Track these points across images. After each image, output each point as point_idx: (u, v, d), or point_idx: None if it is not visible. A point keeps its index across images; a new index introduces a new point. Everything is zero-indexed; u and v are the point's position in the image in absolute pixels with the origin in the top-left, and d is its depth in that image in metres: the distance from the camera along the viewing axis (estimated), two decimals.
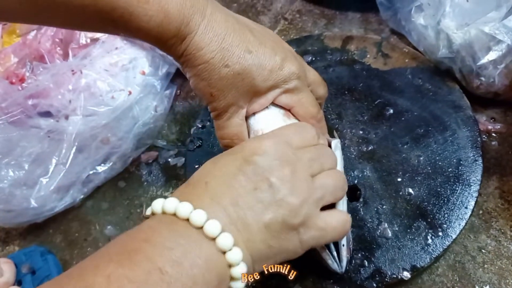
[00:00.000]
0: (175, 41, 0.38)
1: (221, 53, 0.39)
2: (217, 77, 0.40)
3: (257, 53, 0.40)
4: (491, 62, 0.56)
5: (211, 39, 0.39)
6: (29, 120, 0.60)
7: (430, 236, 0.50)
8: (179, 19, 0.37)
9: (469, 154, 0.54)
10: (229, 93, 0.41)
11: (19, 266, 0.57)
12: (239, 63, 0.39)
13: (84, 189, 0.62)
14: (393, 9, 0.68)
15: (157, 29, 0.37)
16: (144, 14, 0.36)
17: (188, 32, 0.38)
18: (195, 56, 0.39)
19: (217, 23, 0.39)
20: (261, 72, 0.40)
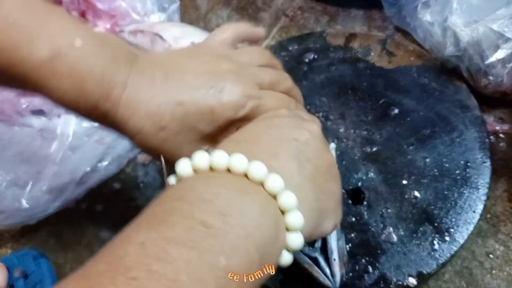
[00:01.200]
0: (97, 116, 0.36)
1: (151, 120, 0.36)
2: (159, 142, 0.37)
3: (190, 101, 0.36)
4: (499, 60, 0.55)
5: (135, 108, 0.35)
6: (21, 118, 0.58)
7: (436, 241, 0.48)
8: (96, 96, 0.34)
9: (477, 155, 0.53)
10: (182, 149, 0.37)
11: (11, 269, 0.56)
12: (174, 120, 0.36)
13: (78, 190, 0.61)
14: (398, 6, 0.67)
15: (73, 104, 0.35)
16: (58, 88, 0.33)
17: (109, 108, 0.35)
18: (125, 129, 0.36)
19: (141, 87, 0.36)
20: (203, 118, 0.37)
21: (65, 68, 0.33)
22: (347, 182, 0.53)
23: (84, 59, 0.34)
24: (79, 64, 0.34)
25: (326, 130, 0.58)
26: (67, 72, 0.33)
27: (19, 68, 0.32)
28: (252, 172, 0.30)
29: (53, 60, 0.33)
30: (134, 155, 0.64)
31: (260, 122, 0.38)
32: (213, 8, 0.84)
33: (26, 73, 0.33)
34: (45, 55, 0.33)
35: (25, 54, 0.32)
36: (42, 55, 0.32)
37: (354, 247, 0.49)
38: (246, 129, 0.37)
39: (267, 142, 0.34)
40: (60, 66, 0.33)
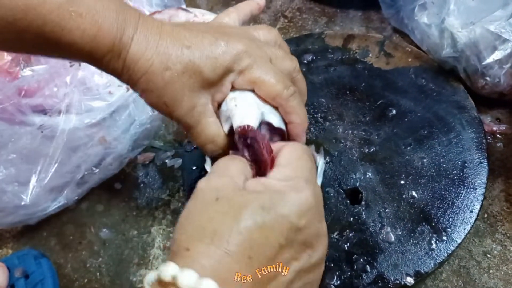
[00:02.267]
0: (111, 57, 0.37)
1: (158, 58, 0.37)
2: (163, 84, 0.38)
3: (197, 46, 0.38)
4: (496, 61, 0.55)
5: (145, 47, 0.37)
6: (22, 115, 0.58)
7: (434, 241, 0.48)
8: (113, 34, 0.36)
9: (474, 156, 0.53)
10: (184, 96, 0.39)
11: (12, 269, 0.56)
12: (180, 61, 0.38)
13: (78, 190, 0.61)
14: (396, 7, 0.67)
15: (90, 45, 0.36)
16: (76, 28, 0.35)
17: (123, 46, 0.37)
18: (135, 70, 0.37)
19: (149, 31, 0.38)
20: (207, 62, 0.38)
21: (84, 7, 0.34)
22: (345, 182, 0.54)
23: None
24: (95, 3, 0.35)
25: (324, 130, 0.58)
26: (85, 11, 0.35)
27: (38, 11, 0.33)
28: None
29: (71, 0, 0.34)
30: (134, 155, 0.65)
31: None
32: (212, 8, 0.85)
33: (45, 15, 0.34)
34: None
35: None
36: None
37: (352, 247, 0.49)
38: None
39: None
40: (78, 6, 0.34)
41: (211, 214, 0.31)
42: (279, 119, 0.41)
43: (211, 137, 0.41)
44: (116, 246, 0.59)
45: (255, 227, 0.30)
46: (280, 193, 0.33)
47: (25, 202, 0.56)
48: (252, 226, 0.30)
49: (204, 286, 0.27)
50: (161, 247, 0.58)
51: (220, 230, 0.30)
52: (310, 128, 0.59)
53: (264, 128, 0.40)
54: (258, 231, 0.30)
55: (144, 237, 0.59)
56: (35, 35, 0.35)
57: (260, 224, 0.30)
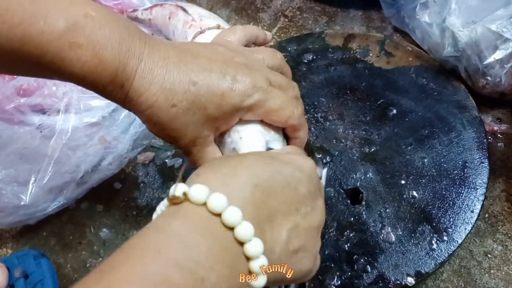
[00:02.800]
0: (113, 88, 0.36)
1: (164, 94, 0.36)
2: (168, 119, 0.37)
3: (204, 82, 0.37)
4: (497, 61, 0.55)
5: (150, 82, 0.36)
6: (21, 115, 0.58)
7: (435, 241, 0.48)
8: (115, 65, 0.35)
9: (475, 156, 0.53)
10: (188, 130, 0.38)
11: (11, 269, 0.56)
12: (186, 99, 0.37)
13: (78, 189, 0.61)
14: (397, 6, 0.67)
15: (92, 76, 0.35)
16: (76, 60, 0.34)
17: (126, 78, 0.36)
18: (138, 102, 0.37)
19: (155, 63, 0.36)
20: (213, 100, 0.37)
21: (83, 38, 0.33)
22: (345, 182, 0.54)
23: (100, 29, 0.34)
24: (96, 33, 0.34)
25: (324, 130, 0.58)
26: (86, 42, 0.34)
27: (37, 42, 0.32)
28: (226, 217, 0.29)
29: (71, 30, 0.33)
30: (134, 155, 0.64)
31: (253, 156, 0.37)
32: (212, 8, 0.84)
33: (44, 46, 0.33)
34: (62, 26, 0.33)
35: (42, 26, 0.32)
36: (59, 26, 0.33)
37: (353, 247, 0.49)
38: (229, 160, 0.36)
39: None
40: (78, 36, 0.33)
41: (227, 161, 0.34)
42: (281, 144, 0.42)
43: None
44: (116, 246, 0.59)
45: (263, 163, 0.34)
46: (283, 153, 0.38)
47: (24, 202, 0.56)
48: (260, 162, 0.34)
49: (215, 199, 0.29)
50: None
51: (229, 163, 0.33)
52: (311, 128, 0.59)
53: None
54: (263, 167, 0.33)
55: None
56: (34, 64, 0.34)
57: (267, 163, 0.34)
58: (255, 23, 0.80)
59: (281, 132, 0.43)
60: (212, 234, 0.28)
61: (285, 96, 0.41)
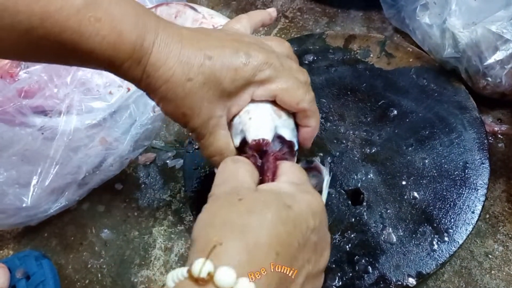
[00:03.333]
0: (131, 64, 0.36)
1: (181, 68, 0.37)
2: (183, 94, 0.37)
3: (218, 57, 0.38)
4: (498, 62, 0.55)
5: (167, 55, 0.36)
6: (22, 116, 0.58)
7: (436, 242, 0.48)
8: (133, 39, 0.35)
9: (475, 156, 0.53)
10: (202, 107, 0.38)
11: (13, 270, 0.56)
12: (201, 72, 0.37)
13: (79, 191, 0.61)
14: (397, 7, 0.67)
15: (110, 51, 0.35)
16: (96, 34, 0.34)
17: (143, 53, 0.36)
18: (155, 77, 0.37)
19: (171, 38, 0.37)
20: (227, 74, 0.38)
21: (101, 12, 0.34)
22: (346, 183, 0.54)
23: (117, 4, 0.35)
24: (113, 8, 0.34)
25: (325, 131, 0.58)
26: (104, 16, 0.34)
27: (56, 18, 0.33)
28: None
29: (89, 5, 0.33)
30: (135, 156, 0.64)
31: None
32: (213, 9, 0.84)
33: (63, 22, 0.33)
34: (80, 1, 0.33)
35: (60, 2, 0.33)
36: (77, 2, 0.33)
37: (354, 248, 0.49)
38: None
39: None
40: (96, 11, 0.34)
41: (238, 212, 0.31)
42: (290, 132, 0.42)
43: (220, 150, 0.41)
44: (117, 247, 0.59)
45: (281, 222, 0.30)
46: (294, 194, 0.34)
47: (26, 204, 0.56)
48: (278, 221, 0.30)
49: (242, 286, 0.27)
50: (162, 248, 0.58)
51: (249, 225, 0.30)
52: None
53: (276, 141, 0.41)
54: (283, 226, 0.30)
55: (145, 238, 0.59)
56: (53, 43, 0.34)
57: (284, 219, 0.31)
58: None
59: (292, 119, 0.43)
60: None
61: (296, 79, 0.41)
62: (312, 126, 0.43)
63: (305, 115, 0.42)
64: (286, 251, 0.30)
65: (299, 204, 0.33)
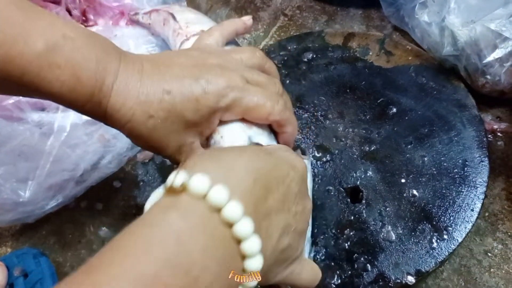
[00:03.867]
0: (92, 106, 0.36)
1: (140, 107, 0.37)
2: (148, 131, 0.38)
3: (177, 89, 0.37)
4: (497, 60, 0.55)
5: (126, 96, 0.36)
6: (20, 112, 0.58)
7: (435, 240, 0.48)
8: (92, 84, 0.35)
9: (475, 154, 0.53)
10: (170, 139, 0.39)
11: (11, 268, 0.56)
12: (162, 109, 0.37)
13: (77, 188, 0.61)
14: (396, 5, 0.67)
15: (70, 95, 0.35)
16: (55, 79, 0.34)
17: (103, 96, 0.36)
18: (117, 118, 0.37)
19: (130, 77, 0.37)
20: (188, 106, 0.38)
21: (62, 58, 0.34)
22: (345, 181, 0.54)
23: (79, 49, 0.35)
24: (75, 54, 0.35)
25: (324, 129, 0.58)
26: (65, 62, 0.34)
27: (17, 62, 0.33)
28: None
29: (50, 51, 0.34)
30: (134, 153, 0.64)
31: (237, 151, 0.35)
32: (212, 7, 0.84)
33: (24, 66, 0.33)
34: (41, 47, 0.33)
35: (22, 47, 0.33)
36: (38, 47, 0.33)
37: (353, 246, 0.49)
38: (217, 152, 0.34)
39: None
40: (58, 57, 0.34)
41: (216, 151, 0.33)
42: (267, 136, 0.42)
43: None
44: None
45: (258, 158, 0.32)
46: (275, 149, 0.38)
47: (23, 199, 0.56)
48: (256, 157, 0.32)
49: (217, 192, 0.27)
50: None
51: (227, 155, 0.32)
52: (311, 127, 0.59)
53: None
54: (261, 162, 0.32)
55: None
56: (15, 84, 0.34)
57: (263, 158, 0.33)
58: (255, 22, 0.80)
59: (266, 126, 0.43)
60: (209, 230, 0.27)
61: (263, 92, 0.40)
62: (289, 132, 0.43)
63: (279, 124, 0.42)
64: (264, 181, 0.31)
65: (279, 154, 0.35)
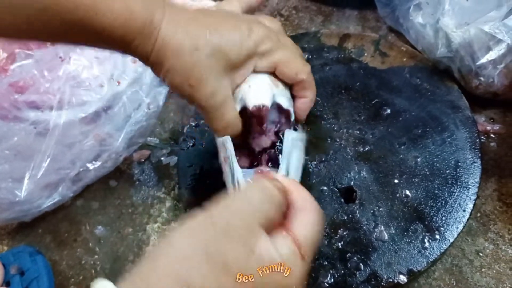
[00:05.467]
0: (141, 41, 0.38)
1: (189, 39, 0.39)
2: (191, 64, 0.39)
3: (223, 30, 0.40)
4: (490, 61, 0.55)
5: (176, 29, 0.38)
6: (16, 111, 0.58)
7: (427, 239, 0.49)
8: (144, 16, 0.37)
9: (467, 155, 0.53)
10: (209, 78, 0.40)
11: (7, 266, 0.56)
12: (208, 44, 0.39)
13: (73, 187, 0.61)
14: (391, 7, 0.67)
15: (122, 28, 0.36)
16: (109, 11, 0.35)
17: (153, 29, 0.38)
18: (164, 49, 0.38)
19: (177, 14, 0.39)
20: (232, 46, 0.40)
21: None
22: (339, 181, 0.54)
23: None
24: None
25: (320, 129, 0.59)
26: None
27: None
28: None
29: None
30: (129, 153, 0.65)
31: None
32: None
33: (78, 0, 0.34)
34: None
35: None
36: None
37: (346, 245, 0.50)
38: None
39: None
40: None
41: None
42: (287, 101, 0.44)
43: (231, 122, 0.42)
44: (111, 243, 0.59)
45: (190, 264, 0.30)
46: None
47: (19, 198, 0.56)
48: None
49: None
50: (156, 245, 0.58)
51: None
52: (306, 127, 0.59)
53: (274, 110, 0.43)
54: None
55: (139, 235, 0.59)
56: (66, 21, 0.35)
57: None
58: None
59: (288, 90, 0.45)
60: None
61: (294, 51, 0.44)
62: (309, 97, 0.46)
63: (302, 86, 0.45)
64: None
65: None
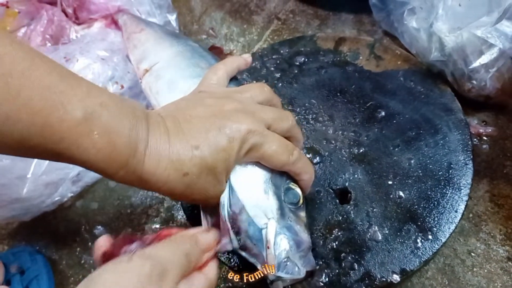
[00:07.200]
0: (126, 172, 0.37)
1: (173, 166, 0.38)
2: (185, 187, 0.39)
3: (204, 143, 0.39)
4: (483, 65, 0.56)
5: (159, 160, 0.37)
6: None
7: (420, 240, 0.50)
8: (127, 152, 0.36)
9: (459, 157, 0.54)
10: (208, 191, 0.40)
11: (8, 266, 0.57)
12: (194, 164, 0.38)
13: (73, 187, 0.62)
14: (386, 11, 0.68)
15: (104, 162, 0.36)
16: (92, 146, 0.34)
17: (136, 162, 0.37)
18: (152, 182, 0.38)
19: (159, 141, 0.38)
20: (217, 157, 0.39)
21: (100, 127, 0.34)
22: (334, 182, 0.55)
23: (114, 118, 0.35)
24: (111, 122, 0.35)
25: (315, 131, 0.60)
26: (102, 130, 0.35)
27: (56, 129, 0.33)
28: None
29: (88, 119, 0.34)
30: None
31: None
32: (206, 10, 0.85)
33: (63, 133, 0.33)
34: (80, 115, 0.34)
35: (61, 115, 0.33)
36: (78, 115, 0.34)
37: (341, 245, 0.51)
38: None
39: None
40: (95, 125, 0.34)
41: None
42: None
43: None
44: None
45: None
46: None
47: (20, 195, 0.56)
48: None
49: None
50: None
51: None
52: (302, 129, 0.60)
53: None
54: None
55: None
56: (48, 150, 0.34)
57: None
58: (249, 25, 0.81)
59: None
60: None
61: (280, 141, 0.43)
62: (305, 179, 0.45)
63: (293, 173, 0.45)
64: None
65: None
